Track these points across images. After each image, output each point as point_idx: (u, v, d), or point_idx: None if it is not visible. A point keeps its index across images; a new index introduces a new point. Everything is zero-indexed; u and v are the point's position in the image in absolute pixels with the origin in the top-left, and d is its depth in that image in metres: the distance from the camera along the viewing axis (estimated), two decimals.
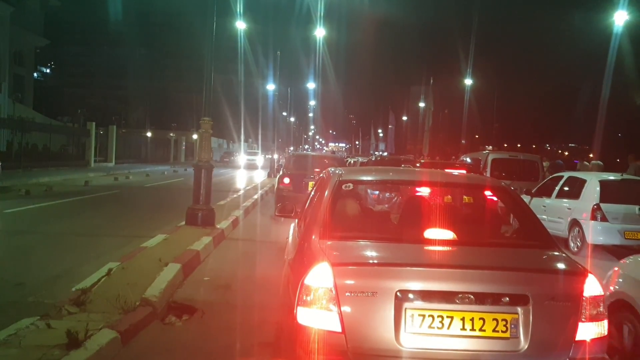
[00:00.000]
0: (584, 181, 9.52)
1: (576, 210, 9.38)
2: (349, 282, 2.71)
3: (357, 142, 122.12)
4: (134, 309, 4.66)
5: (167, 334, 4.60)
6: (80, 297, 4.83)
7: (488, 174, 13.18)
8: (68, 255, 7.39)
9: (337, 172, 4.06)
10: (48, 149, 28.81)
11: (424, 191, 4.30)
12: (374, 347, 2.64)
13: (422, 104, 53.46)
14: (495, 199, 4.09)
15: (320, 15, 29.47)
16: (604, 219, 8.75)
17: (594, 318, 2.75)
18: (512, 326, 2.65)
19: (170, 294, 5.52)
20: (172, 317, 4.92)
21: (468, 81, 38.52)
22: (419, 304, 2.67)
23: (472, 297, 2.65)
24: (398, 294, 2.66)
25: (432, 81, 51.15)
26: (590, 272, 2.88)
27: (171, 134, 57.43)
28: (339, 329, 2.64)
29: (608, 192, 9.00)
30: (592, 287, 2.79)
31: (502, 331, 2.65)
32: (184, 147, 56.08)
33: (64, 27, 71.66)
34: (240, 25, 23.77)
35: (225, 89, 51.36)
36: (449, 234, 3.36)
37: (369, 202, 5.79)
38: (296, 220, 4.68)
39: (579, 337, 2.71)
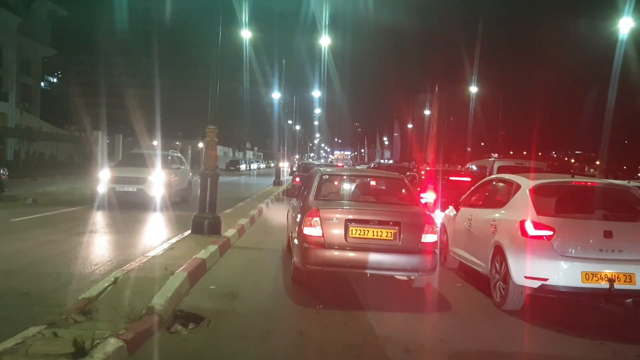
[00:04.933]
0: None
1: None
2: (326, 215, 6.18)
3: (362, 150, 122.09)
4: (140, 318, 4.66)
5: (173, 342, 4.60)
6: (86, 306, 4.84)
7: None
8: (74, 264, 7.40)
9: (320, 169, 7.94)
10: (55, 157, 29.01)
11: (369, 179, 8.24)
12: (335, 242, 6.09)
13: (427, 112, 53.38)
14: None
15: (326, 24, 29.53)
16: None
17: (431, 232, 6.21)
18: (394, 235, 6.10)
19: (177, 302, 5.52)
20: (178, 325, 4.91)
21: (473, 89, 38.44)
22: (355, 224, 6.11)
23: (377, 221, 6.14)
24: (346, 221, 6.12)
25: (437, 89, 51.05)
26: (432, 214, 7.30)
27: (177, 143, 57.53)
28: (321, 235, 6.11)
29: None
30: (430, 220, 6.43)
31: (389, 238, 6.10)
32: (190, 156, 56.09)
33: (71, 36, 72.17)
34: (246, 34, 23.89)
35: (232, 96, 51.40)
36: (372, 198, 7.32)
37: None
38: (298, 198, 8.06)
39: (423, 240, 6.14)
